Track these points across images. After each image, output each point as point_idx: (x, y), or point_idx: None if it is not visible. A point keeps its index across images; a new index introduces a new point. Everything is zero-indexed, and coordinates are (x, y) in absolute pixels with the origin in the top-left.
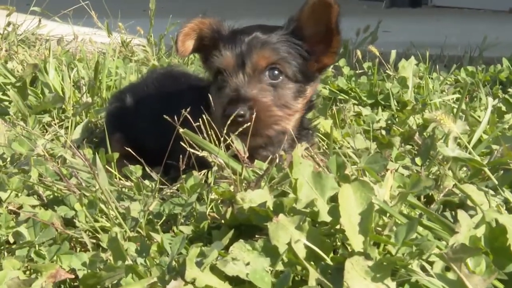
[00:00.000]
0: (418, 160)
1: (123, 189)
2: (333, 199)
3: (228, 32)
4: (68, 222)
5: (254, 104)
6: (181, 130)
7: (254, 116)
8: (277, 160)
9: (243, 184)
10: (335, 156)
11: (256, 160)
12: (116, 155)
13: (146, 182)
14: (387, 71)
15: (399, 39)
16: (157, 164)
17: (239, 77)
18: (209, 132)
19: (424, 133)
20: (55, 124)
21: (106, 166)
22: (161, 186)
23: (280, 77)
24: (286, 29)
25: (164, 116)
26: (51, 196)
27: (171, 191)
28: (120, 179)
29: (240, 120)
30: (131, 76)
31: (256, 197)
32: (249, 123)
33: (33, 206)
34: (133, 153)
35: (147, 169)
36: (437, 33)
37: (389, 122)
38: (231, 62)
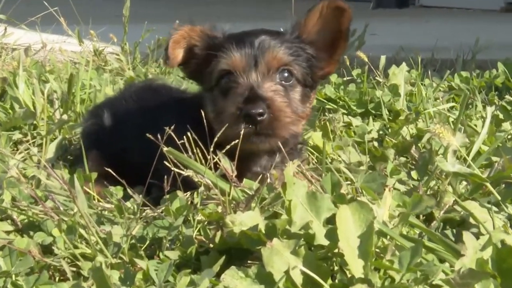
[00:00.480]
0: (414, 173)
1: (103, 212)
2: (330, 221)
3: (228, 36)
4: (46, 249)
5: (271, 103)
6: (165, 149)
7: (272, 116)
8: (268, 179)
9: (232, 205)
10: (330, 174)
11: (245, 179)
12: (95, 175)
13: (128, 203)
14: (376, 77)
15: (387, 42)
16: (138, 183)
17: (252, 77)
18: (195, 150)
19: (419, 144)
20: (27, 142)
21: (84, 187)
22: (144, 208)
23: (291, 80)
24: (292, 33)
25: (146, 133)
26: (26, 221)
27: (155, 213)
28: (99, 200)
29: (259, 119)
30: (106, 88)
31: (247, 220)
32: (268, 122)
33: (7, 232)
34: (113, 172)
35: (128, 190)
36: (426, 35)
37: (381, 132)
38: (242, 62)
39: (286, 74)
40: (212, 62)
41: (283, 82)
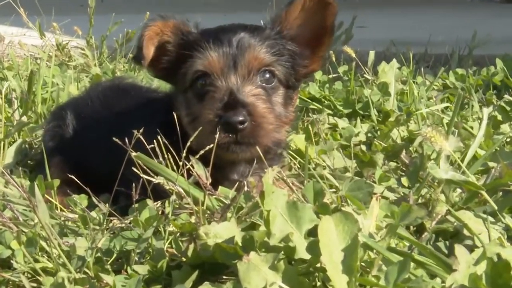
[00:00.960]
0: (404, 180)
1: (67, 223)
2: (312, 233)
3: (203, 32)
4: (4, 263)
5: (253, 109)
6: (133, 154)
7: (253, 123)
8: (245, 187)
9: (206, 215)
10: (312, 182)
11: (220, 187)
12: (57, 182)
13: (93, 213)
14: (365, 75)
15: (377, 36)
16: (104, 191)
17: (231, 80)
18: (166, 155)
19: (411, 148)
20: None
21: (45, 195)
22: (110, 218)
23: (273, 82)
24: (272, 29)
25: (113, 137)
26: None
27: (123, 224)
28: (62, 210)
29: (240, 128)
30: (70, 86)
31: (222, 231)
32: (249, 130)
33: None
34: (77, 180)
35: (93, 198)
36: (419, 28)
37: (369, 135)
38: (220, 63)
39: (267, 76)
40: (187, 61)
41: (264, 84)
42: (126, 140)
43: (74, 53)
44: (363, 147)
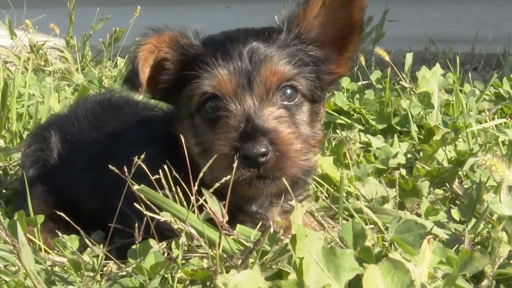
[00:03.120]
0: (455, 213)
1: (54, 268)
2: (353, 284)
3: (207, 42)
4: None
5: (276, 137)
6: (135, 187)
7: (277, 153)
8: (270, 227)
9: (223, 261)
10: (351, 222)
11: (238, 225)
12: (41, 218)
13: (85, 256)
14: (401, 82)
15: (412, 31)
16: (95, 226)
17: (247, 102)
18: (173, 188)
19: (460, 172)
20: None
21: (27, 234)
22: (106, 262)
23: (296, 98)
24: (289, 32)
25: (105, 163)
26: None
27: (122, 271)
28: (47, 252)
29: (262, 161)
30: (50, 99)
31: (244, 281)
32: (273, 162)
33: None
34: (65, 216)
35: (86, 240)
36: (463, 21)
37: (409, 156)
38: (232, 83)
39: (289, 92)
40: (192, 82)
41: (286, 102)
42: (125, 169)
43: (52, 56)
44: (403, 171)
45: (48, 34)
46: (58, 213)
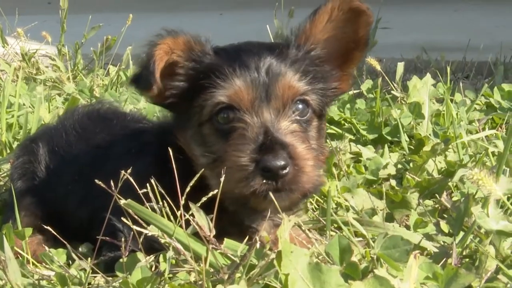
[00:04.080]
0: (444, 225)
1: (41, 282)
2: None
3: (219, 52)
4: None
5: (293, 151)
6: (122, 201)
7: (295, 167)
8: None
9: (210, 275)
10: (338, 237)
11: (225, 240)
12: (29, 231)
13: (72, 270)
14: (392, 91)
15: (404, 39)
16: (83, 238)
17: (264, 115)
18: (160, 202)
19: (450, 183)
20: None
21: (14, 247)
22: (93, 275)
23: (308, 113)
24: (298, 47)
25: (93, 176)
26: None
27: (109, 286)
28: (35, 265)
29: (282, 174)
30: (40, 109)
31: None
32: (291, 176)
33: None
34: (52, 230)
35: (72, 254)
36: (455, 29)
37: (399, 166)
38: (250, 95)
39: (301, 107)
40: (205, 90)
41: (299, 118)
42: (112, 183)
43: (43, 65)
44: (393, 182)
45: (40, 41)
46: (45, 227)
